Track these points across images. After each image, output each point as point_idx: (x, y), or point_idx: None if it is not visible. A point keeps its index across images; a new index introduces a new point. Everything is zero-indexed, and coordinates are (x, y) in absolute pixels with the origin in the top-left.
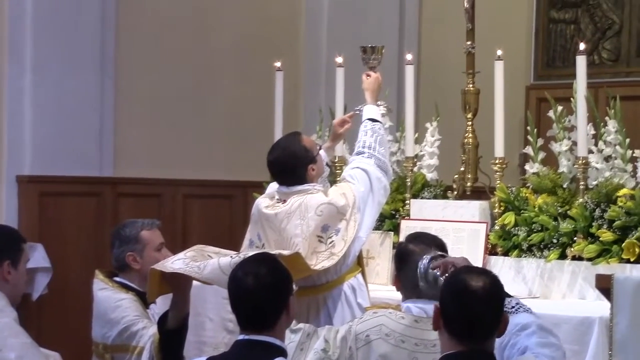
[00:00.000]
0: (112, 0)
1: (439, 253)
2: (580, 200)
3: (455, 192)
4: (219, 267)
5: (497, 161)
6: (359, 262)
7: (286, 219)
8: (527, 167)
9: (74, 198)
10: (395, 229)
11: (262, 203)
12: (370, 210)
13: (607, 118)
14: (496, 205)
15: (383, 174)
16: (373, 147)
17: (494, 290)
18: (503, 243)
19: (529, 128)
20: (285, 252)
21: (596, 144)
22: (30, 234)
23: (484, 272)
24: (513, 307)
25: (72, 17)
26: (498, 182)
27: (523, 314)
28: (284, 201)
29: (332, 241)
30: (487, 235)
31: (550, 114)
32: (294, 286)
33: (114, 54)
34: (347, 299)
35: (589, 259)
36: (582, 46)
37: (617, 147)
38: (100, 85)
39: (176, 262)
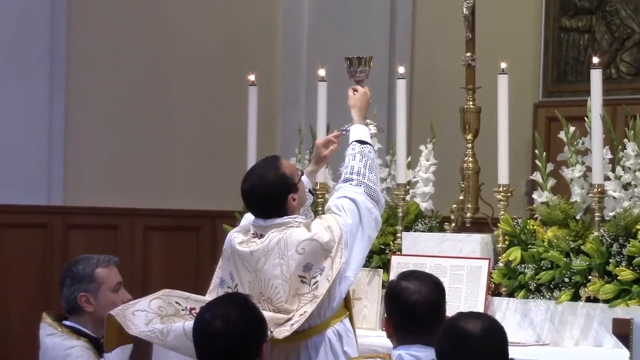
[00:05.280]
0: (61, 6)
1: None
2: (596, 233)
3: (454, 224)
4: (184, 333)
5: (500, 189)
6: (346, 305)
7: (263, 257)
8: (535, 195)
9: (18, 230)
10: (385, 266)
11: (236, 238)
12: (359, 246)
13: (625, 140)
14: (500, 239)
15: (374, 204)
16: (362, 174)
17: (494, 334)
18: (508, 282)
19: (537, 151)
20: None
21: (613, 170)
22: None
23: (481, 316)
24: None
25: (18, 30)
26: (502, 212)
27: None
28: (261, 236)
29: (316, 282)
30: (490, 273)
31: (562, 135)
32: (268, 331)
33: (64, 66)
34: (332, 347)
35: (606, 301)
36: (596, 59)
37: (638, 174)
38: (49, 101)
39: (138, 315)
